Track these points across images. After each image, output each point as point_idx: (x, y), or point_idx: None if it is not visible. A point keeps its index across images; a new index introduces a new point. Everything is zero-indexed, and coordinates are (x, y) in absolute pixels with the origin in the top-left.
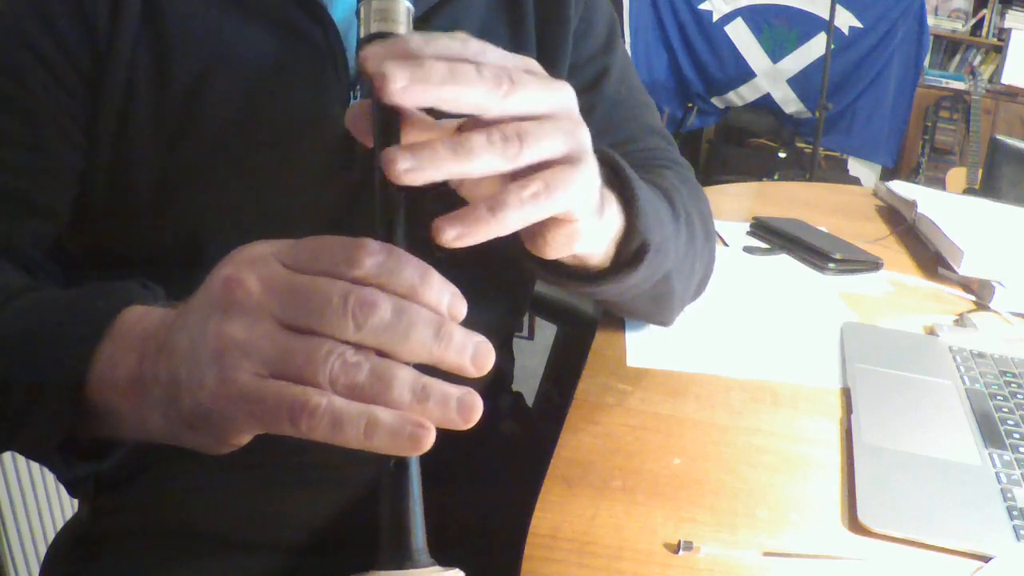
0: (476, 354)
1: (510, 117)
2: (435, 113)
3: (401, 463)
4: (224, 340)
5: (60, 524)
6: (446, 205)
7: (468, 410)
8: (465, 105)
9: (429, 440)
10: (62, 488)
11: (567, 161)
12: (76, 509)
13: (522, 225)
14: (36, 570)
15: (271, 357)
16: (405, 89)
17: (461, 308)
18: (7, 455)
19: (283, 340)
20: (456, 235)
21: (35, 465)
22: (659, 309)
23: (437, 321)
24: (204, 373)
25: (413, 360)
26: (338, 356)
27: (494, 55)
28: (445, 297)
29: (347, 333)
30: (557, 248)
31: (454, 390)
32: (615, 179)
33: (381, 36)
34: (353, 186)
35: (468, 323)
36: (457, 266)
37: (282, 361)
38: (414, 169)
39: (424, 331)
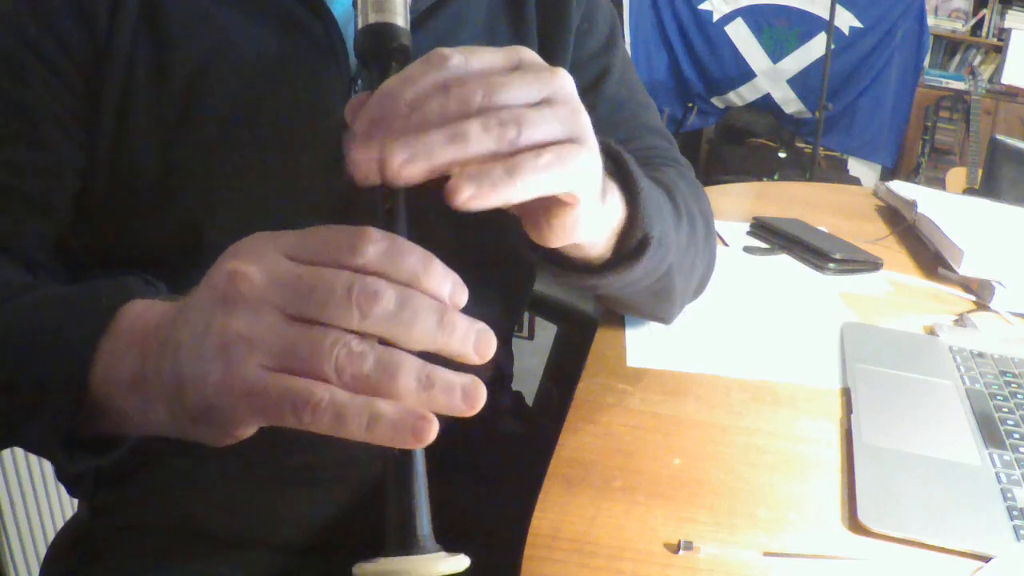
0: (479, 342)
1: (504, 106)
2: None
3: (406, 450)
4: (229, 334)
5: (60, 524)
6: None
7: (473, 398)
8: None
9: (431, 433)
10: (62, 488)
11: (569, 142)
12: (76, 509)
13: (532, 195)
14: (36, 570)
15: (276, 349)
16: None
17: (462, 296)
18: (7, 454)
19: (288, 331)
20: (471, 195)
21: (35, 465)
22: (660, 305)
23: (440, 309)
24: (208, 368)
25: (417, 348)
26: (343, 346)
27: (478, 62)
28: (447, 285)
29: (352, 323)
30: (560, 235)
31: (458, 378)
32: (617, 171)
33: (379, 27)
34: None
35: None
36: (455, 264)
37: (287, 352)
38: (411, 160)
39: (428, 319)
